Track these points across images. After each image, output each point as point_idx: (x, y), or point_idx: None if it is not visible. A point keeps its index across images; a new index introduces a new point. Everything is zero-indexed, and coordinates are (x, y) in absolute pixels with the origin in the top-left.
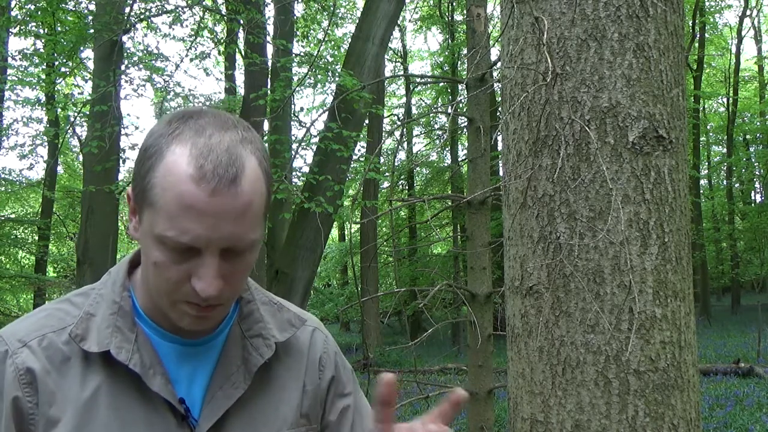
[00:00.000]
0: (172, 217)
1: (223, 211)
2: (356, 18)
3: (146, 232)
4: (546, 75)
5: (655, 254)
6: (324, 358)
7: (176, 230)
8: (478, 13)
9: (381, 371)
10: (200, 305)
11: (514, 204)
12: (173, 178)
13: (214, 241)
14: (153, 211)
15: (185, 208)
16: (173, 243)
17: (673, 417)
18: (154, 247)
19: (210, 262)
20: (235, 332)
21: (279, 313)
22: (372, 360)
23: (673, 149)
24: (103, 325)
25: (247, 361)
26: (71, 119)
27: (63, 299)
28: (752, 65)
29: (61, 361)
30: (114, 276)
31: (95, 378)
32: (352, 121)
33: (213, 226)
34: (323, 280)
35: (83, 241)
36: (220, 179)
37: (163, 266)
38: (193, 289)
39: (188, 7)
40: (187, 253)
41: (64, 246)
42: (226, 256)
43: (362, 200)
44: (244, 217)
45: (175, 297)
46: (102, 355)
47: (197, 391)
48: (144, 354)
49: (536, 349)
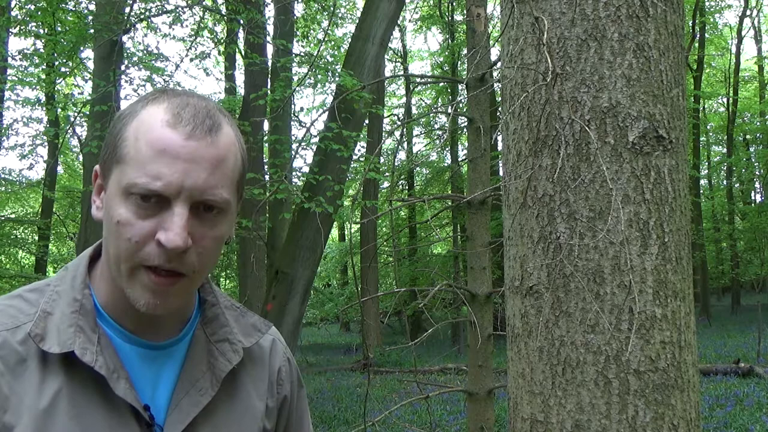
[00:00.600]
0: (144, 163)
1: (198, 157)
2: (356, 18)
3: (111, 193)
4: (546, 75)
5: (655, 254)
6: (283, 371)
7: (148, 176)
8: (478, 13)
9: (381, 371)
10: (162, 270)
11: (514, 204)
12: (147, 126)
13: (185, 189)
14: (122, 166)
15: (159, 152)
16: (143, 190)
17: (673, 417)
18: (120, 204)
19: (179, 212)
20: (200, 336)
21: (242, 317)
22: (372, 360)
23: (673, 149)
24: (64, 324)
25: (213, 366)
26: (71, 119)
27: (14, 294)
28: (752, 65)
29: (16, 362)
30: (73, 271)
31: (54, 381)
32: (352, 121)
33: (185, 172)
34: (323, 280)
35: (83, 241)
36: (196, 126)
37: (127, 224)
38: (158, 245)
39: (188, 7)
40: (155, 206)
41: (64, 246)
42: (196, 213)
43: (362, 200)
44: (218, 170)
45: (135, 260)
46: (62, 356)
47: (161, 398)
48: (107, 356)
49: (536, 349)
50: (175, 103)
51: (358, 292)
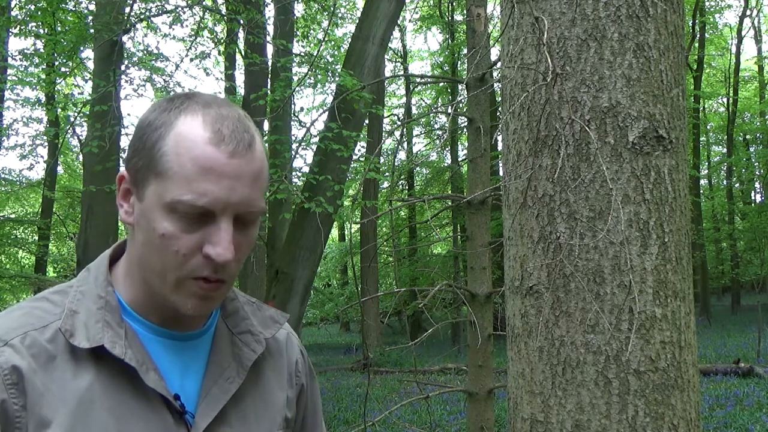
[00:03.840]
0: (189, 180)
1: (241, 173)
2: (356, 18)
3: (151, 205)
4: (546, 75)
5: (655, 254)
6: (299, 363)
7: (194, 193)
8: (478, 13)
9: (381, 371)
10: (209, 280)
11: (514, 204)
12: (189, 142)
13: (231, 204)
14: (163, 180)
15: (204, 170)
16: (189, 207)
17: (673, 417)
18: (163, 218)
19: (225, 227)
20: (222, 329)
21: (260, 311)
22: (372, 360)
23: (673, 149)
24: (92, 320)
25: (238, 356)
26: (71, 119)
27: (39, 297)
28: (752, 65)
29: (47, 359)
30: (95, 272)
31: (86, 375)
32: (352, 121)
33: (231, 188)
34: (323, 280)
35: (83, 241)
36: (238, 142)
37: (173, 237)
38: (205, 258)
39: (188, 7)
40: (200, 220)
41: (64, 246)
42: (236, 225)
43: (362, 200)
44: (257, 182)
45: (183, 272)
46: (91, 351)
47: (190, 387)
48: (135, 349)
49: (536, 349)
50: (212, 116)
51: (358, 292)
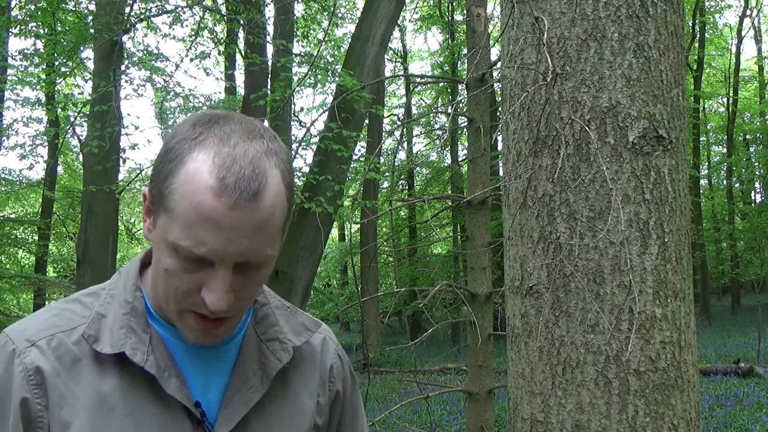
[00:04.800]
0: (189, 227)
1: (241, 226)
2: (356, 18)
3: (160, 236)
4: (546, 75)
5: (655, 254)
6: (335, 368)
7: (191, 240)
8: (478, 13)
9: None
10: (208, 318)
11: (514, 204)
12: (193, 187)
13: (229, 255)
14: (169, 218)
15: (203, 220)
16: (187, 253)
17: (673, 417)
18: (167, 254)
19: (222, 276)
20: (251, 335)
21: (293, 317)
22: (372, 360)
23: (673, 149)
24: (117, 325)
25: (264, 365)
26: (71, 119)
27: (72, 299)
28: (752, 65)
29: (72, 362)
30: (125, 276)
31: (108, 380)
32: (352, 121)
33: (229, 240)
34: (323, 280)
35: (83, 241)
36: (241, 193)
37: (174, 274)
38: (203, 300)
39: (188, 7)
40: (199, 264)
41: (64, 246)
42: (239, 270)
43: (362, 200)
44: (262, 232)
45: (182, 306)
46: (114, 356)
47: (213, 395)
48: (158, 355)
49: (536, 349)
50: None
51: (358, 292)
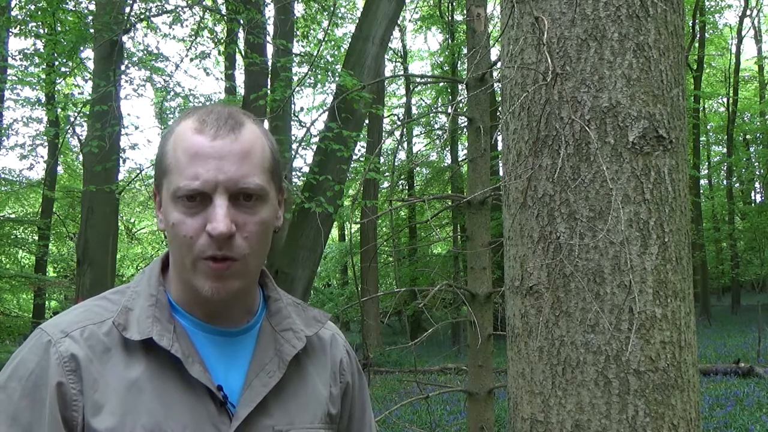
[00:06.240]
0: (183, 168)
1: (226, 152)
2: (356, 18)
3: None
4: (546, 75)
5: (655, 254)
6: (344, 362)
7: (187, 179)
8: (478, 13)
9: (381, 371)
10: (216, 258)
11: (514, 204)
12: (180, 137)
13: (220, 182)
14: (168, 175)
15: (192, 156)
16: (185, 191)
17: (673, 417)
18: (172, 209)
19: (219, 203)
20: (266, 328)
21: (304, 312)
22: (372, 360)
23: (673, 149)
24: (143, 315)
25: (280, 351)
26: (71, 119)
27: (100, 297)
28: (752, 65)
29: (102, 350)
30: (148, 274)
31: (137, 366)
32: (352, 121)
33: (218, 168)
34: (323, 280)
35: (83, 241)
36: (219, 128)
37: (180, 224)
38: (208, 236)
39: (188, 7)
40: (200, 204)
41: (64, 246)
42: (236, 203)
43: (362, 200)
44: (246, 159)
45: (194, 254)
46: (142, 344)
47: (234, 380)
48: (182, 343)
49: (536, 349)
50: (201, 112)
51: (358, 292)
